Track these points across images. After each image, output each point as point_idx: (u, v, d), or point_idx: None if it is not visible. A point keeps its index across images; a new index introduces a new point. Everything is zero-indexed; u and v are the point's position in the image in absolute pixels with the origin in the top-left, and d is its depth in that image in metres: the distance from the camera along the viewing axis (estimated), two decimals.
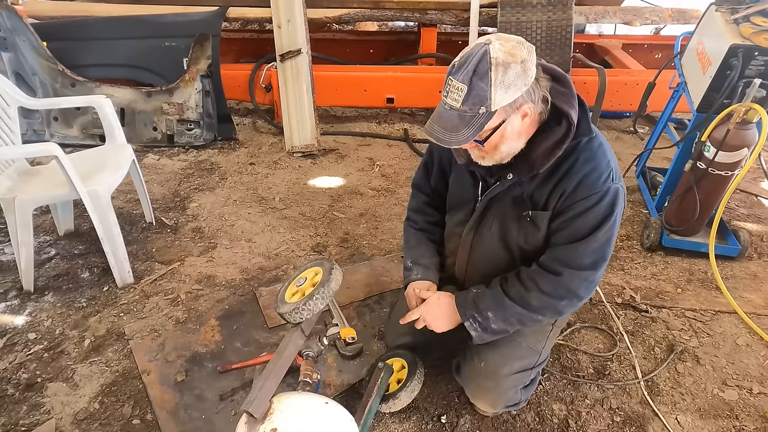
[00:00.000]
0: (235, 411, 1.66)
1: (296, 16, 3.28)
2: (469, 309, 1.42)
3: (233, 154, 3.47)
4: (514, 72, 1.10)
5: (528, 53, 1.12)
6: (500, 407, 1.57)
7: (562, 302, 1.35)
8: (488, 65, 1.09)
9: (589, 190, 1.24)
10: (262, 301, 2.13)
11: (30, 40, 3.31)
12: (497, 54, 1.09)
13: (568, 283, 1.32)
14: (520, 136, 1.22)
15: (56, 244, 2.48)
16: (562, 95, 1.21)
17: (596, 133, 1.28)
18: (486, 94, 1.10)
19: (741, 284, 2.33)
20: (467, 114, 1.12)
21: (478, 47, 1.11)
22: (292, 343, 1.46)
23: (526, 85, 1.12)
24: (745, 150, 2.14)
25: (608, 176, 1.25)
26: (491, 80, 1.09)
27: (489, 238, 1.44)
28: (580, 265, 1.30)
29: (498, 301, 1.38)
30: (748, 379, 1.85)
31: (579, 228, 1.28)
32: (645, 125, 4.09)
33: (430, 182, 1.61)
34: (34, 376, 1.79)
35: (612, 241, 1.31)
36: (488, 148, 1.22)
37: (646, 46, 4.68)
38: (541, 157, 1.23)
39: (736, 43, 2.12)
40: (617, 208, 1.27)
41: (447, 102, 1.15)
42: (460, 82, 1.11)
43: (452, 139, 1.15)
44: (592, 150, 1.25)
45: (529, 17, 3.61)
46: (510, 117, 1.16)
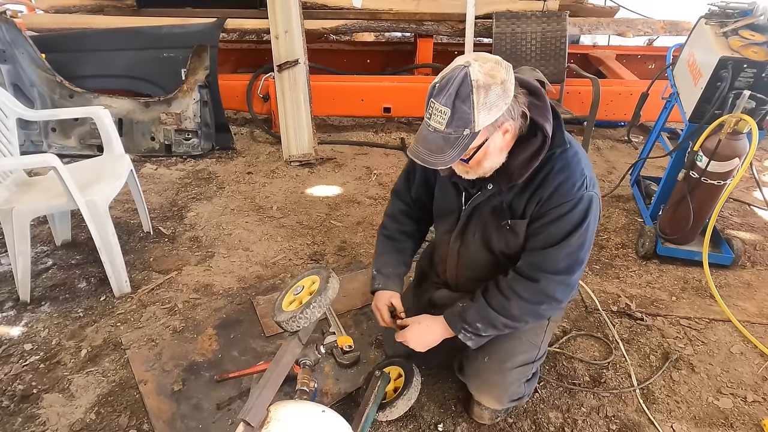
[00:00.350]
0: (232, 420, 1.66)
1: (294, 26, 3.31)
2: (459, 323, 1.47)
3: (231, 164, 3.49)
4: (495, 93, 1.13)
5: (506, 73, 1.15)
6: (506, 401, 1.57)
7: (542, 306, 1.40)
8: (470, 88, 1.11)
9: (563, 198, 1.28)
10: (259, 310, 2.13)
11: (29, 52, 3.34)
12: (477, 76, 1.12)
13: (546, 288, 1.36)
14: (502, 151, 1.26)
15: (53, 254, 2.48)
16: (537, 108, 1.24)
17: (571, 143, 1.32)
18: (469, 116, 1.13)
19: (735, 292, 2.35)
20: (452, 136, 1.15)
21: (458, 70, 1.13)
22: (289, 352, 1.46)
23: (506, 104, 1.15)
24: (736, 160, 2.17)
25: (582, 184, 1.29)
26: (474, 103, 1.12)
27: (473, 245, 1.49)
28: (555, 269, 1.35)
29: (483, 313, 1.43)
30: (742, 387, 1.86)
31: (553, 234, 1.32)
32: (639, 134, 4.14)
33: (411, 191, 1.63)
34: (29, 387, 1.78)
35: (586, 246, 1.35)
36: (472, 165, 1.26)
37: (639, 56, 4.75)
38: (519, 168, 1.28)
39: (725, 55, 2.16)
40: (591, 215, 1.31)
41: (431, 124, 1.17)
42: (443, 105, 1.13)
43: (438, 160, 1.18)
44: (567, 160, 1.30)
45: (524, 28, 3.67)
46: (492, 135, 1.20)
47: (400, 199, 1.67)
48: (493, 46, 3.70)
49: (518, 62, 3.65)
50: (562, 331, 2.09)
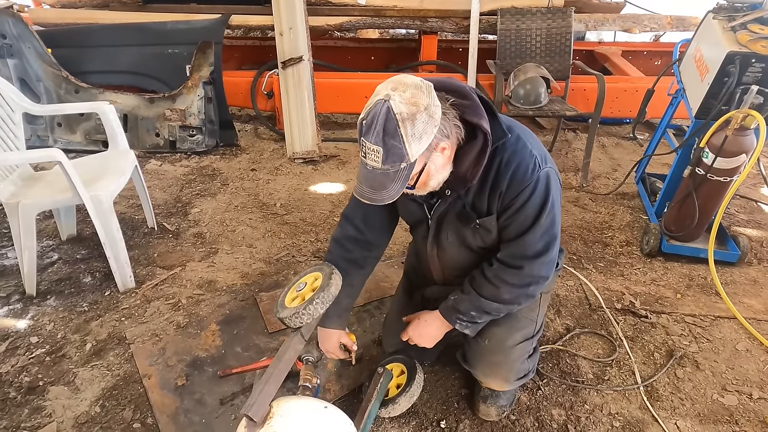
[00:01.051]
0: (235, 415, 1.67)
1: (298, 23, 3.31)
2: (453, 314, 1.50)
3: (235, 160, 3.50)
4: (422, 121, 1.10)
5: (428, 96, 1.12)
6: (513, 380, 1.59)
7: (531, 287, 1.43)
8: (395, 122, 1.09)
9: (521, 185, 1.28)
10: (262, 306, 2.14)
11: (35, 46, 3.35)
12: (400, 108, 1.09)
13: (530, 271, 1.39)
14: (444, 167, 1.26)
15: (59, 249, 2.50)
16: (468, 108, 1.22)
17: (511, 129, 1.30)
18: (402, 150, 1.11)
19: (741, 290, 2.33)
20: (390, 171, 1.15)
21: (380, 105, 1.10)
22: (292, 348, 1.47)
23: (435, 127, 1.14)
24: (743, 156, 2.15)
25: (534, 165, 1.29)
26: (402, 136, 1.10)
27: (451, 247, 1.51)
28: (535, 252, 1.37)
29: (475, 303, 1.46)
30: (747, 385, 1.85)
31: (522, 221, 1.34)
32: (644, 131, 4.11)
33: (363, 214, 1.54)
34: (35, 379, 1.80)
35: (557, 221, 1.37)
36: (419, 187, 1.27)
37: (645, 53, 4.71)
38: (470, 170, 1.27)
39: (733, 50, 2.14)
40: (551, 191, 1.32)
41: (368, 163, 1.15)
42: (374, 144, 1.11)
43: (384, 196, 1.18)
44: (513, 147, 1.29)
45: (529, 25, 3.64)
46: (431, 158, 1.20)
47: (349, 223, 1.56)
48: (498, 43, 3.68)
49: (523, 59, 3.63)
50: (566, 328, 2.09)
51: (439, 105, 1.15)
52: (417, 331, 1.58)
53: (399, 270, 2.38)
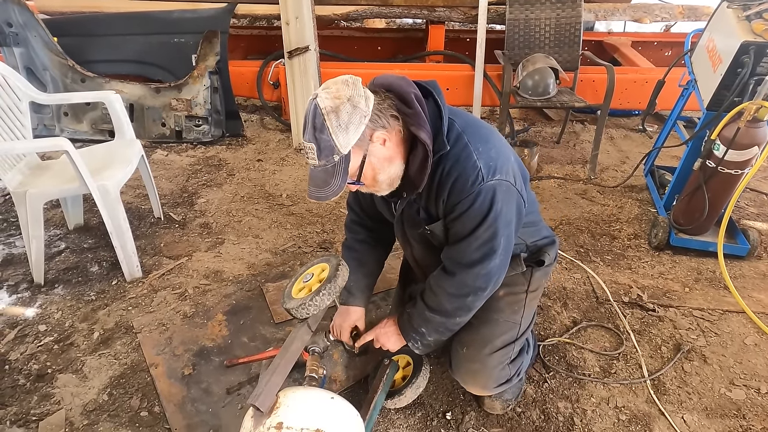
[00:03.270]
0: (242, 405, 1.68)
1: (304, 13, 3.28)
2: (408, 330, 1.51)
3: (241, 151, 3.49)
4: (345, 111, 1.14)
5: (353, 89, 1.16)
6: (492, 387, 1.57)
7: (468, 298, 1.40)
8: (321, 117, 1.14)
9: (460, 195, 1.27)
10: (268, 297, 2.14)
11: (41, 35, 3.34)
12: (325, 103, 1.14)
13: (465, 280, 1.37)
14: (392, 160, 1.26)
15: (66, 238, 2.51)
16: (408, 117, 1.23)
17: (459, 135, 1.28)
18: (330, 143, 1.15)
19: (750, 283, 2.31)
20: (327, 166, 1.18)
21: (310, 104, 1.17)
22: (299, 339, 1.47)
23: (365, 117, 1.16)
24: (755, 148, 2.12)
25: (476, 178, 1.25)
26: (329, 129, 1.14)
27: (419, 245, 1.53)
28: (468, 261, 1.35)
29: (423, 316, 1.46)
30: (755, 379, 1.83)
31: (459, 229, 1.33)
32: (654, 123, 4.06)
33: (360, 202, 1.65)
34: (44, 367, 1.81)
35: (500, 234, 1.32)
36: (368, 183, 1.29)
37: (655, 43, 4.64)
38: (416, 176, 1.28)
39: (747, 40, 2.10)
40: (496, 204, 1.28)
41: (309, 162, 1.21)
42: (308, 142, 1.18)
43: (328, 192, 1.20)
44: (455, 157, 1.27)
45: (538, 14, 3.59)
46: (369, 149, 1.21)
47: (352, 210, 1.69)
48: (506, 33, 3.64)
49: (531, 49, 3.59)
50: (573, 321, 2.08)
51: (367, 96, 1.18)
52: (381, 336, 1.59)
53: None
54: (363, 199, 1.62)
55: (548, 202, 2.97)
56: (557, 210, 2.88)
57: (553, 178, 3.24)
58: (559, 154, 3.59)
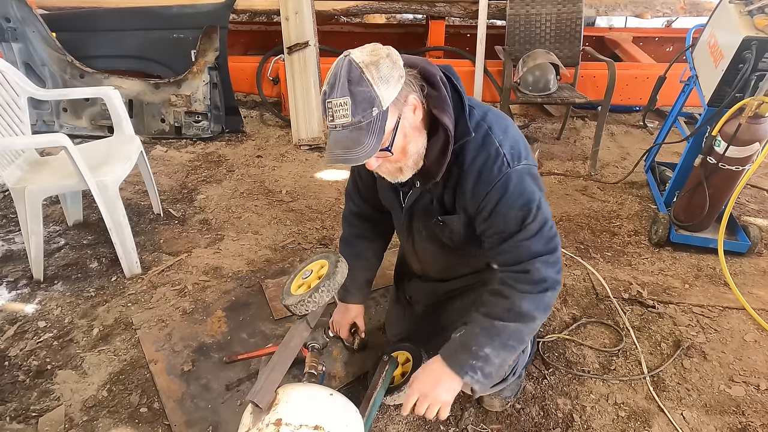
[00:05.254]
0: (241, 401, 1.68)
1: (304, 8, 3.26)
2: (463, 359, 1.29)
3: (240, 147, 3.48)
4: (386, 65, 1.07)
5: (389, 49, 1.11)
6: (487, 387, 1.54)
7: (546, 294, 1.26)
8: (359, 70, 1.06)
9: (488, 184, 1.21)
10: (268, 293, 2.14)
11: (39, 31, 3.33)
12: (361, 57, 1.07)
13: (538, 274, 1.24)
14: (420, 131, 1.19)
15: (65, 234, 2.51)
16: (434, 99, 1.17)
17: (480, 122, 1.23)
18: (371, 93, 1.06)
19: (750, 280, 2.31)
20: (363, 123, 1.07)
21: (340, 61, 1.09)
22: (298, 335, 1.47)
23: (402, 77, 1.09)
24: (756, 145, 2.11)
25: (501, 164, 1.20)
26: (369, 81, 1.05)
27: (424, 240, 1.48)
28: (533, 253, 1.24)
29: (490, 331, 1.27)
30: (755, 375, 1.83)
31: (502, 224, 1.24)
32: (655, 119, 4.05)
33: (360, 191, 1.59)
34: (44, 363, 1.81)
35: (549, 220, 1.25)
36: (398, 155, 1.18)
37: (657, 39, 4.62)
38: (434, 165, 1.22)
39: (749, 35, 2.08)
40: (527, 186, 1.22)
41: (336, 124, 1.08)
42: (340, 98, 1.06)
43: (359, 152, 1.08)
44: (477, 145, 1.22)
45: (539, 10, 3.57)
46: (403, 111, 1.13)
47: (350, 200, 1.63)
48: (507, 29, 3.62)
49: (532, 45, 3.57)
50: (572, 318, 2.08)
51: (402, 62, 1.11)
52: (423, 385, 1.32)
53: None
54: (365, 188, 1.56)
55: (548, 198, 2.94)
56: (557, 206, 2.87)
57: (554, 175, 3.23)
58: (559, 151, 3.58)
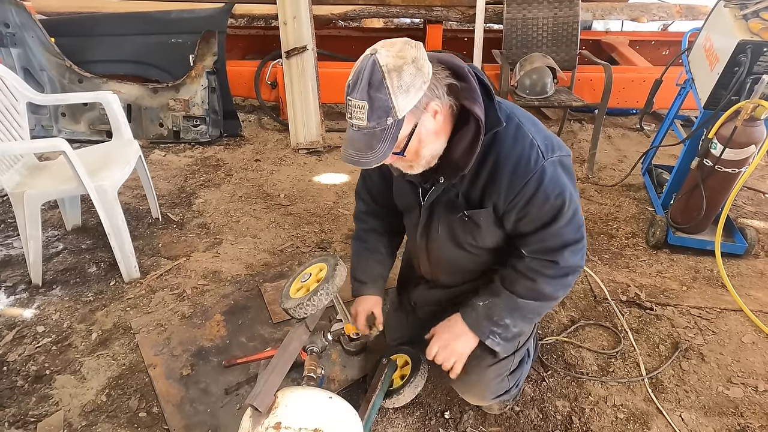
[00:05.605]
0: (240, 405, 1.67)
1: (302, 12, 3.28)
2: (486, 324, 1.37)
3: (239, 151, 3.49)
4: (409, 73, 1.05)
5: (417, 50, 1.08)
6: (490, 398, 1.54)
7: (569, 278, 1.34)
8: (381, 74, 1.04)
9: (524, 177, 1.20)
10: (267, 297, 2.14)
11: (38, 36, 3.34)
12: (386, 60, 1.04)
13: (566, 263, 1.30)
14: (438, 135, 1.18)
15: (64, 239, 2.51)
16: (463, 91, 1.16)
17: (510, 116, 1.23)
18: (388, 104, 1.05)
19: (747, 282, 2.32)
20: (377, 129, 1.07)
21: (366, 59, 1.07)
22: (297, 339, 1.47)
23: (425, 83, 1.08)
24: (752, 147, 2.13)
25: (537, 156, 1.20)
26: (388, 88, 1.04)
27: (440, 241, 1.43)
28: (564, 242, 1.29)
29: (511, 305, 1.35)
30: (753, 377, 1.84)
31: (536, 214, 1.25)
32: (651, 122, 4.07)
33: (370, 190, 1.59)
34: (42, 368, 1.81)
35: (579, 208, 1.30)
36: (410, 157, 1.18)
37: (653, 42, 4.65)
38: (462, 158, 1.20)
39: (744, 39, 2.10)
40: (564, 180, 1.23)
41: (353, 123, 1.10)
42: (359, 100, 1.06)
43: (370, 158, 1.09)
44: (510, 137, 1.21)
45: (535, 14, 3.59)
46: (421, 119, 1.12)
47: (360, 198, 1.63)
48: (504, 33, 3.64)
49: (529, 48, 3.59)
50: (571, 320, 2.08)
51: (429, 63, 1.09)
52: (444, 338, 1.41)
53: None
54: (374, 187, 1.56)
55: None
56: None
57: None
58: None
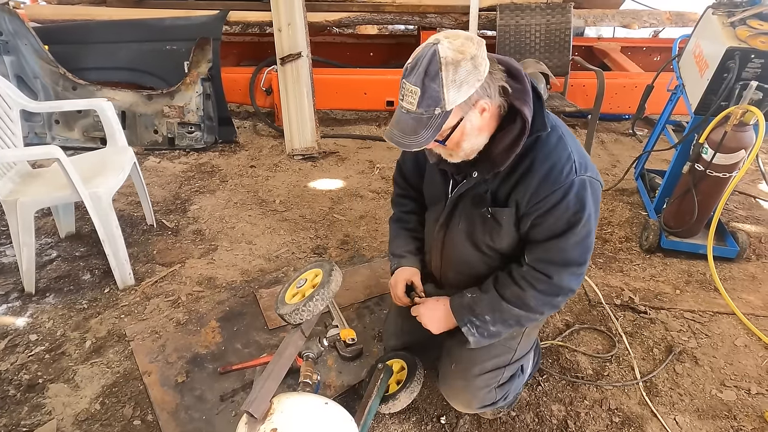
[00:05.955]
0: (236, 412, 1.67)
1: (297, 19, 3.29)
2: (466, 314, 1.42)
3: (234, 157, 3.49)
4: (465, 69, 1.08)
5: (477, 48, 1.11)
6: (475, 406, 1.54)
7: (558, 298, 1.37)
8: (438, 66, 1.08)
9: (553, 186, 1.23)
10: (262, 303, 2.14)
11: (32, 43, 3.33)
12: (446, 53, 1.08)
13: (560, 281, 1.32)
14: (481, 131, 1.21)
15: (57, 246, 2.49)
16: (516, 92, 1.20)
17: (554, 126, 1.27)
18: (439, 95, 1.09)
19: (739, 285, 2.34)
20: (423, 116, 1.12)
21: (428, 48, 1.10)
22: (292, 344, 1.47)
23: (479, 81, 1.11)
24: (742, 152, 2.15)
25: (570, 169, 1.23)
26: (442, 80, 1.08)
27: (458, 236, 1.44)
28: (566, 261, 1.31)
29: (494, 305, 1.38)
30: (746, 380, 1.85)
31: (552, 224, 1.27)
32: (644, 127, 4.11)
33: (405, 176, 1.65)
34: (35, 377, 1.79)
35: (593, 233, 1.32)
36: (450, 146, 1.22)
37: (644, 48, 4.70)
38: (501, 155, 1.23)
39: (732, 46, 2.13)
40: (588, 200, 1.26)
41: (403, 105, 1.14)
42: (413, 85, 1.10)
43: (412, 141, 1.14)
44: (551, 145, 1.24)
45: (528, 20, 3.63)
46: (468, 114, 1.16)
47: (396, 184, 1.70)
48: (497, 39, 3.68)
49: (522, 55, 3.63)
50: (565, 324, 2.09)
51: (488, 62, 1.13)
52: (427, 313, 1.50)
53: None
54: (408, 174, 1.63)
55: None
56: None
57: None
58: None
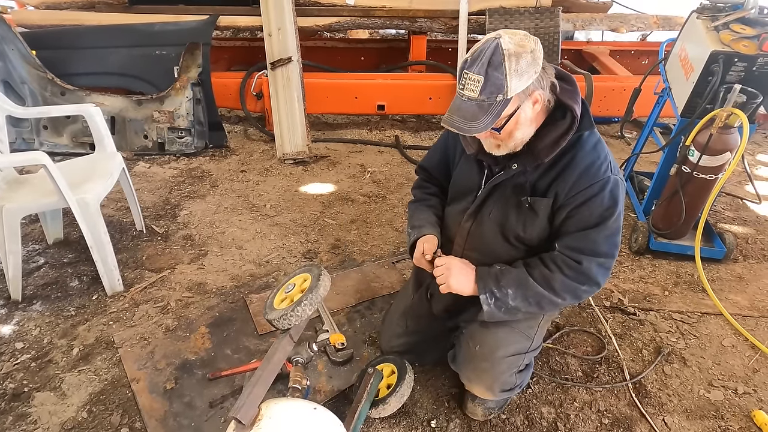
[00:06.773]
0: (225, 418, 1.66)
1: (287, 24, 3.30)
2: (490, 283, 1.43)
3: (224, 162, 3.48)
4: (526, 61, 1.19)
5: (535, 43, 1.22)
6: (497, 390, 1.56)
7: (583, 287, 1.40)
8: (501, 56, 1.18)
9: (591, 179, 1.32)
10: (252, 308, 2.13)
11: (19, 48, 3.31)
12: (508, 46, 1.19)
13: (588, 271, 1.37)
14: (531, 122, 1.31)
15: (45, 253, 2.47)
16: (566, 92, 1.31)
17: (594, 131, 1.38)
18: (502, 82, 1.19)
19: (727, 286, 2.36)
20: (485, 102, 1.21)
21: (490, 41, 1.20)
22: (281, 350, 1.46)
23: (536, 73, 1.22)
24: (728, 154, 2.18)
25: (607, 167, 1.33)
26: (506, 70, 1.18)
27: (488, 225, 1.47)
28: (596, 251, 1.36)
29: (521, 280, 1.41)
30: (733, 380, 1.87)
31: (586, 215, 1.34)
32: (632, 130, 4.15)
33: (430, 168, 1.71)
34: (20, 386, 1.77)
35: (620, 231, 1.39)
36: (504, 136, 1.30)
37: (633, 52, 4.75)
38: (546, 148, 1.32)
39: (716, 49, 2.16)
40: (620, 198, 1.35)
41: (464, 94, 1.23)
42: (476, 74, 1.20)
43: (472, 127, 1.23)
44: (591, 144, 1.35)
45: (517, 24, 3.66)
46: (523, 103, 1.25)
47: (422, 170, 1.75)
48: None
49: None
50: (555, 326, 2.10)
51: (542, 58, 1.23)
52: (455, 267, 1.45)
53: (390, 270, 2.39)
54: (434, 166, 1.69)
55: None
56: None
57: None
58: None
